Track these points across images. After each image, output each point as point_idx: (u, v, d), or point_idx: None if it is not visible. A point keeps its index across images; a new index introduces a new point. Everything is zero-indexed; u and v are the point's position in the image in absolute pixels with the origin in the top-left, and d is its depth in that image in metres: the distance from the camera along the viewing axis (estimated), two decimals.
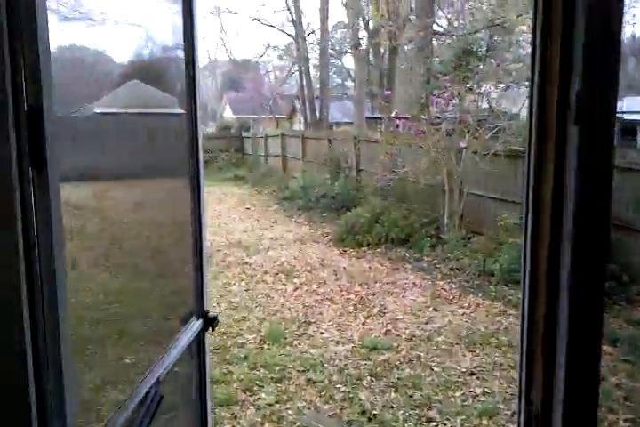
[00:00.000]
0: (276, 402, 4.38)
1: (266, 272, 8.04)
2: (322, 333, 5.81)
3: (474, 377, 4.75)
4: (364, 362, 5.08)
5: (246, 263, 8.51)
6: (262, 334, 5.79)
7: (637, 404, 4.23)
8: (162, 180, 1.92)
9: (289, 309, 6.55)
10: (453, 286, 7.19)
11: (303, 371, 4.93)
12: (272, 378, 4.77)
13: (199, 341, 1.78)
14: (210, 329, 1.92)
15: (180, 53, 1.84)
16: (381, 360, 5.10)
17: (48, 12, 0.97)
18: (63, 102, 1.18)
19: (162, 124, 2.01)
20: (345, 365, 5.03)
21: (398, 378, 4.76)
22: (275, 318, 6.23)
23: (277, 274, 7.94)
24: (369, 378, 4.78)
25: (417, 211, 9.35)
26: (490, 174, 8.73)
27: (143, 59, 1.87)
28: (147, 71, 1.90)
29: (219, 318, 2.06)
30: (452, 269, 7.71)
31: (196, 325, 1.79)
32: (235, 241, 9.92)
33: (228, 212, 13.09)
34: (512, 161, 8.45)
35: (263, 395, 4.50)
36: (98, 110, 1.58)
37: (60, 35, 1.17)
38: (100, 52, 1.59)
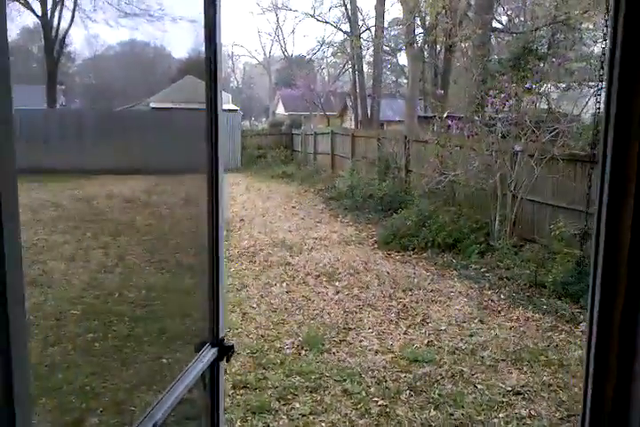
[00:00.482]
0: (310, 413, 4.25)
1: (308, 274, 7.93)
2: (361, 340, 5.64)
3: (519, 397, 4.48)
4: (404, 374, 4.89)
5: (289, 264, 8.42)
6: (300, 338, 5.67)
7: None
8: (172, 184, 1.81)
9: (329, 313, 6.41)
10: (502, 296, 6.87)
11: (340, 381, 4.77)
12: (307, 387, 4.64)
13: (213, 372, 1.63)
14: (225, 359, 1.77)
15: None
16: (422, 374, 4.89)
17: None
18: None
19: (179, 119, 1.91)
20: (383, 376, 4.85)
21: (439, 394, 4.53)
22: (314, 323, 6.11)
23: (319, 276, 7.81)
24: (408, 392, 4.58)
25: (466, 215, 9.03)
26: (546, 180, 8.32)
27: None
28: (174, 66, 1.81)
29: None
30: (500, 278, 7.38)
31: (209, 354, 1.65)
32: (278, 240, 9.86)
33: (274, 210, 13.06)
34: (571, 166, 8.02)
35: (297, 404, 4.37)
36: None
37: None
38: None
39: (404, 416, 4.22)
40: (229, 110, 22.68)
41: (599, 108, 6.69)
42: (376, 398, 4.47)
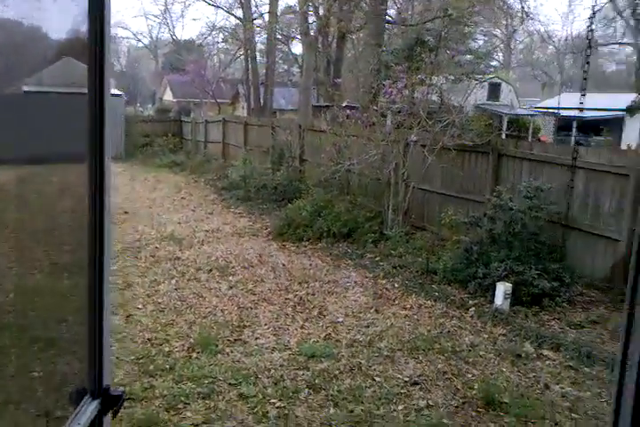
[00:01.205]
0: (204, 422, 3.94)
1: (199, 269, 7.51)
2: (257, 338, 5.38)
3: (417, 388, 4.46)
4: (302, 372, 4.70)
5: (178, 259, 7.94)
6: (192, 340, 5.30)
7: (585, 416, 4.05)
8: (47, 175, 1.45)
9: (222, 311, 6.08)
10: (396, 285, 6.92)
11: (235, 384, 4.49)
12: (200, 393, 4.31)
13: None
14: (111, 414, 1.40)
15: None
16: (320, 370, 4.73)
17: None
18: None
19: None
20: (281, 375, 4.63)
21: (338, 391, 4.40)
22: (206, 322, 5.75)
23: (211, 271, 7.43)
24: (307, 391, 4.40)
25: (361, 205, 9.04)
26: (436, 169, 8.51)
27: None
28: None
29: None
30: (394, 266, 7.43)
31: (90, 408, 1.28)
32: (167, 233, 9.30)
33: (162, 201, 12.37)
34: (460, 156, 8.25)
35: (189, 414, 4.04)
36: None
37: None
38: None
39: (304, 417, 4.03)
40: (112, 95, 21.24)
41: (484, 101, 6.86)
42: (274, 400, 4.25)
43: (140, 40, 56.93)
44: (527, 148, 7.65)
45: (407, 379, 4.58)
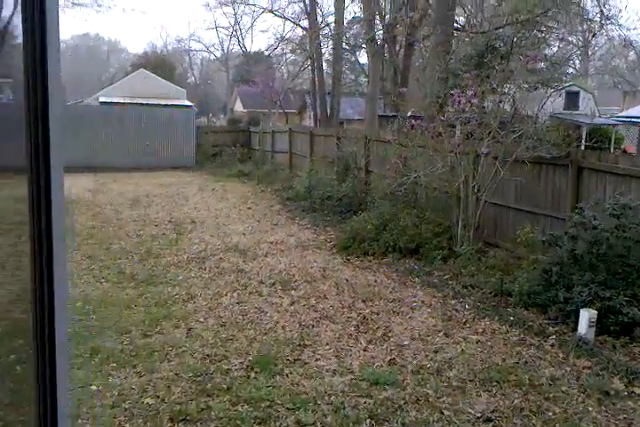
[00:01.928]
0: None
1: (261, 282, 7.38)
2: (317, 359, 5.14)
3: (490, 425, 4.07)
4: (364, 400, 4.41)
5: (241, 271, 7.86)
6: (250, 358, 5.14)
7: None
8: None
9: (283, 327, 5.89)
10: (467, 306, 6.50)
11: (292, 409, 4.26)
12: (256, 418, 4.11)
13: None
14: None
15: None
16: (384, 398, 4.43)
17: None
18: None
19: None
20: (342, 402, 4.36)
21: (402, 423, 4.08)
22: (266, 339, 5.58)
23: (274, 284, 7.29)
24: (368, 421, 4.11)
25: (429, 219, 8.65)
26: (510, 183, 8.03)
27: None
28: None
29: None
30: (465, 286, 7.01)
31: None
32: (232, 244, 9.27)
33: (229, 211, 12.43)
34: (535, 169, 7.74)
35: None
36: None
37: None
38: None
39: None
40: (183, 106, 21.86)
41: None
42: None
43: (211, 52, 58.52)
44: (612, 160, 7.04)
45: (479, 415, 4.20)
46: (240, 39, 48.47)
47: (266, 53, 41.38)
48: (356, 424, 4.07)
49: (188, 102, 22.56)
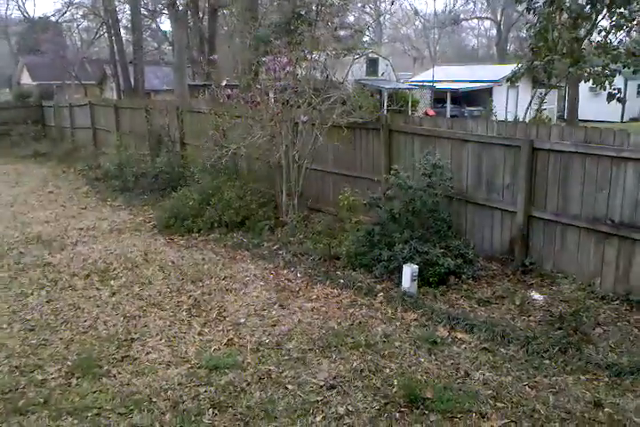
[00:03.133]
0: None
1: (74, 275, 6.58)
2: (148, 353, 4.70)
3: (334, 392, 4.07)
4: (204, 388, 4.13)
5: (48, 264, 6.93)
6: (69, 362, 4.53)
7: (509, 403, 3.89)
8: None
9: (105, 323, 5.30)
10: (298, 274, 6.48)
11: (125, 413, 3.83)
12: None
13: None
14: None
15: None
16: (225, 383, 4.19)
17: None
18: None
19: None
20: (180, 396, 4.03)
21: (247, 406, 3.90)
22: (86, 339, 4.96)
23: (89, 276, 6.54)
24: (211, 411, 3.85)
25: (253, 190, 8.44)
26: (327, 148, 8.12)
27: None
28: None
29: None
30: (295, 254, 6.99)
31: None
32: (33, 235, 8.14)
33: (26, 197, 10.93)
34: (351, 133, 7.91)
35: None
36: None
37: None
38: None
39: None
40: None
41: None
42: None
43: None
44: (417, 123, 7.46)
45: (322, 383, 4.17)
46: (20, 3, 42.62)
47: (53, 19, 36.98)
48: (199, 416, 3.79)
49: None
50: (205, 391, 4.09)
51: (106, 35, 27.91)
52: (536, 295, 5.51)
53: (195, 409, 3.87)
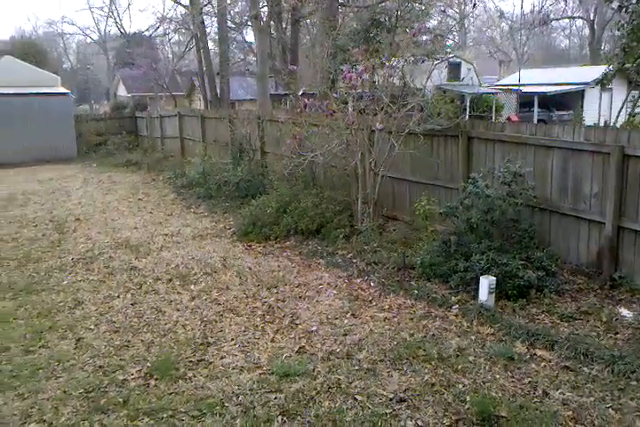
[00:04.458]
0: None
1: (157, 279, 6.90)
2: (223, 357, 4.83)
3: (403, 405, 3.99)
4: (274, 395, 4.18)
5: (134, 268, 7.30)
6: (149, 364, 4.73)
7: (590, 426, 3.64)
8: None
9: (184, 326, 5.50)
10: (372, 284, 6.43)
11: (197, 416, 3.95)
12: None
13: None
14: None
15: None
16: (294, 391, 4.22)
17: None
18: None
19: None
20: (251, 402, 4.10)
21: (315, 415, 3.90)
22: (166, 341, 5.17)
23: (171, 280, 6.83)
24: (280, 418, 3.89)
25: (329, 198, 8.50)
26: (405, 156, 8.03)
27: None
28: None
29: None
30: (369, 263, 6.94)
31: None
32: (122, 240, 8.62)
33: (117, 204, 11.60)
34: (429, 141, 7.79)
35: None
36: None
37: None
38: None
39: None
40: (58, 94, 20.13)
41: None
42: None
43: (87, 35, 54.62)
44: (498, 129, 7.20)
45: (392, 395, 4.11)
46: (117, 20, 45.61)
47: (147, 34, 39.24)
48: (268, 423, 3.84)
49: (63, 89, 20.74)
50: (275, 398, 4.14)
51: (195, 48, 29.20)
52: (625, 312, 5.15)
53: (264, 415, 3.92)
